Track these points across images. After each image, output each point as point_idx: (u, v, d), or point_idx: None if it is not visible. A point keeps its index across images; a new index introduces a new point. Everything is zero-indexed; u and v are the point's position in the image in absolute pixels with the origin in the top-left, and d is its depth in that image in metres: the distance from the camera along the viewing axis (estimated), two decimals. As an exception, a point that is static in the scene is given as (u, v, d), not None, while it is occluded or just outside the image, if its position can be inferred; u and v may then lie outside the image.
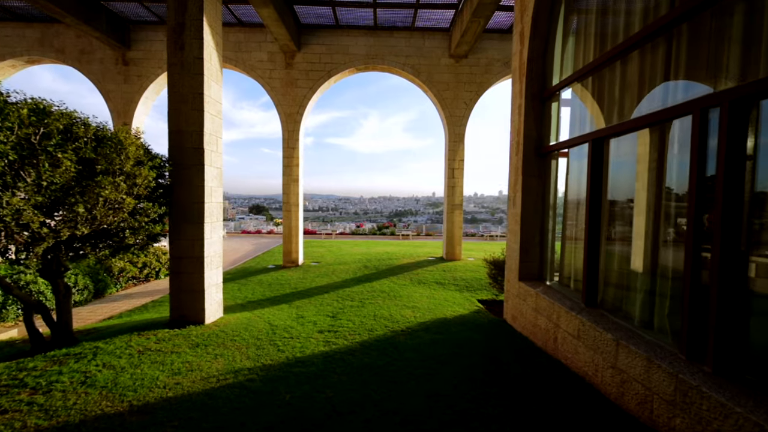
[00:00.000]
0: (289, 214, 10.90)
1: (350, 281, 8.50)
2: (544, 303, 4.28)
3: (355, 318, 5.44)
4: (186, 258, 5.10)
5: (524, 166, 5.06)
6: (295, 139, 10.83)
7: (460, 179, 11.00)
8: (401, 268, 9.69)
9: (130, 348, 3.84)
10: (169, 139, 5.06)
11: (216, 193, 5.43)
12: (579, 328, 3.54)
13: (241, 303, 6.89)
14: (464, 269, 9.38)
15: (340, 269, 9.92)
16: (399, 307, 6.13)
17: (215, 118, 5.38)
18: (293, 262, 10.89)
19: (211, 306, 5.30)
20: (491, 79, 10.83)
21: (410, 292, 7.31)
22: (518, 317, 5.04)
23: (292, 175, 10.85)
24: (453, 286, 7.87)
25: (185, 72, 5.03)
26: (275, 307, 6.41)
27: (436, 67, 10.81)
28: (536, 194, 5.06)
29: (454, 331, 4.86)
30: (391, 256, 11.63)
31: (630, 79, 3.47)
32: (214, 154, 5.34)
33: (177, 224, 5.09)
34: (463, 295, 7.14)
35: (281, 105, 10.80)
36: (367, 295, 7.02)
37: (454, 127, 10.89)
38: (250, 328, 4.88)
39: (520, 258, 5.08)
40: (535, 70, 5.03)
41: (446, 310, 5.95)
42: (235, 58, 10.74)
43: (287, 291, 7.75)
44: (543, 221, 5.07)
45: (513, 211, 5.37)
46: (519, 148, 5.17)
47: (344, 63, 10.77)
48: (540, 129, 5.05)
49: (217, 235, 5.48)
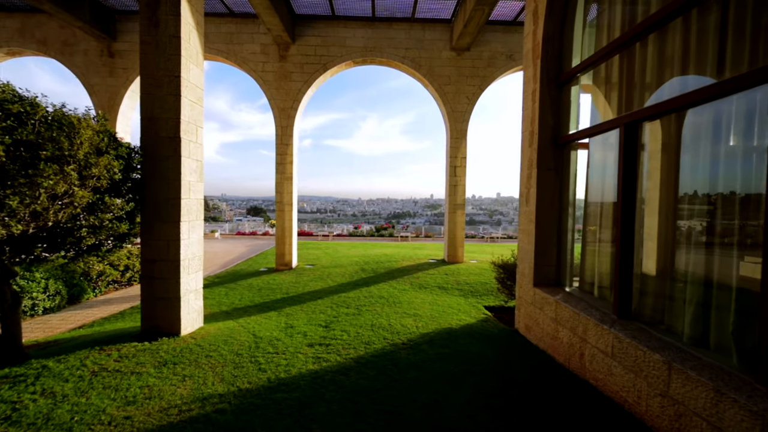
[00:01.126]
0: (283, 214, 10.34)
1: (346, 286, 7.93)
2: (566, 313, 3.74)
3: (350, 328, 4.88)
4: (160, 261, 4.53)
5: (539, 159, 4.53)
6: (289, 135, 10.29)
7: (462, 177, 10.48)
8: (401, 272, 9.14)
9: (84, 368, 3.27)
10: (142, 127, 4.50)
11: (195, 189, 4.87)
12: (613, 344, 3.00)
13: (226, 310, 6.31)
14: (468, 272, 8.83)
15: (335, 272, 9.35)
16: (399, 315, 5.57)
17: (195, 105, 4.83)
18: (286, 264, 10.32)
19: (188, 315, 4.73)
20: (495, 73, 10.33)
21: (411, 297, 6.75)
22: (533, 327, 4.49)
23: (286, 172, 10.29)
24: (457, 291, 7.32)
25: (160, 52, 4.48)
26: (263, 314, 5.84)
27: (437, 60, 10.30)
28: (553, 189, 4.53)
29: (462, 344, 4.30)
30: (389, 258, 11.08)
31: (671, 52, 2.95)
32: (193, 144, 4.79)
33: (150, 223, 4.52)
34: (469, 301, 6.59)
35: (274, 99, 10.26)
36: (365, 302, 6.46)
37: (455, 122, 10.37)
38: (230, 340, 4.31)
39: (535, 261, 4.54)
40: (550, 51, 4.51)
41: (451, 319, 5.39)
42: (226, 50, 10.21)
43: (278, 296, 7.17)
44: (560, 220, 4.53)
45: (526, 209, 4.84)
46: (533, 139, 4.64)
47: (341, 56, 10.25)
48: (557, 117, 4.52)
49: (196, 235, 4.91)
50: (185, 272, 4.65)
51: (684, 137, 2.88)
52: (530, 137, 4.75)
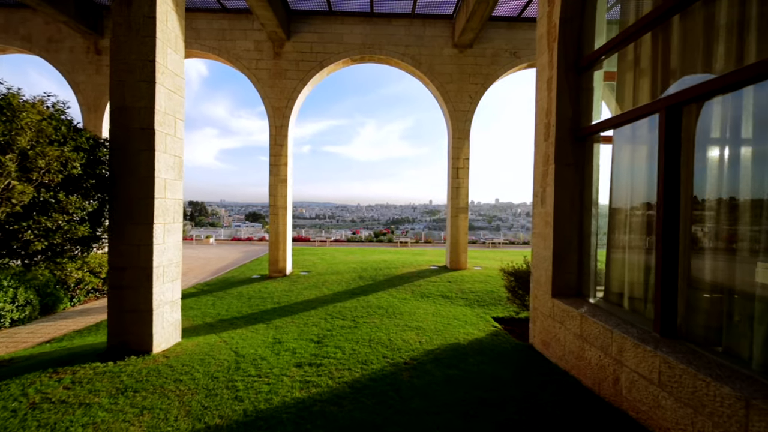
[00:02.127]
0: (276, 218, 9.82)
1: (342, 294, 7.39)
2: (595, 329, 3.22)
3: (345, 344, 4.34)
4: (130, 268, 4.00)
5: (557, 154, 4.04)
6: (284, 135, 9.81)
7: (465, 180, 10.00)
8: (401, 279, 8.60)
9: (23, 398, 2.73)
10: (111, 118, 4.00)
11: (173, 188, 4.35)
12: (661, 369, 2.48)
13: (210, 322, 5.76)
14: (472, 280, 8.31)
15: (331, 280, 8.81)
16: (400, 328, 5.03)
17: (173, 94, 4.34)
18: (280, 271, 9.77)
19: (163, 330, 4.19)
20: (498, 71, 9.91)
21: (412, 307, 6.21)
22: (552, 344, 3.97)
23: (280, 174, 9.80)
24: (461, 301, 6.78)
25: (133, 34, 4.01)
26: (250, 327, 5.29)
27: (438, 57, 9.89)
28: (573, 187, 4.04)
29: (472, 363, 3.77)
30: (389, 264, 10.54)
31: (727, 20, 2.48)
32: (170, 138, 4.29)
33: (119, 225, 4.00)
34: (475, 312, 6.05)
35: (268, 98, 9.81)
36: (362, 312, 5.92)
37: (458, 122, 9.93)
38: (208, 360, 3.77)
39: (554, 269, 4.02)
40: (569, 33, 4.05)
41: (458, 332, 4.86)
42: (219, 47, 9.78)
43: (268, 306, 6.62)
44: (581, 222, 4.03)
45: (541, 211, 4.34)
46: (550, 132, 4.16)
47: (338, 53, 9.83)
48: (576, 106, 4.05)
49: (173, 239, 4.39)
50: (159, 281, 4.12)
51: (746, 121, 2.39)
52: (546, 130, 4.27)
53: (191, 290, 8.57)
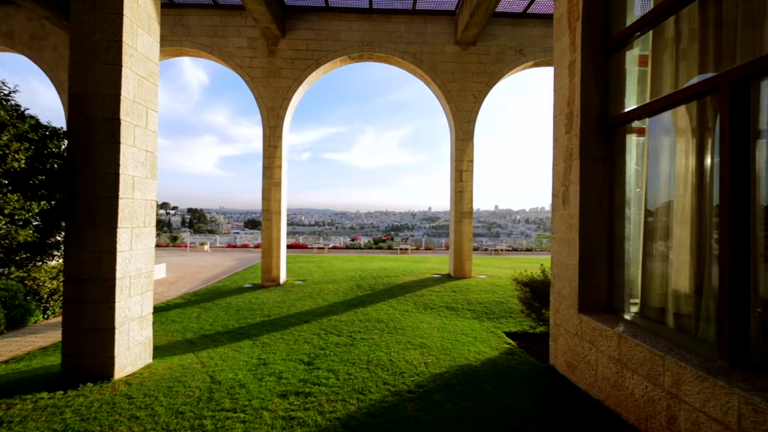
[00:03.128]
0: (270, 223, 9.27)
1: (339, 306, 6.81)
2: (639, 353, 2.66)
3: (339, 366, 3.76)
4: (90, 280, 3.45)
5: (582, 147, 3.53)
6: (278, 136, 9.32)
7: (469, 183, 9.48)
8: (402, 288, 8.03)
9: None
10: (70, 105, 3.49)
11: (143, 187, 3.82)
12: (741, 412, 1.93)
13: (191, 338, 5.18)
14: (478, 289, 7.74)
15: (328, 289, 8.23)
16: (402, 345, 4.46)
17: (144, 81, 3.83)
18: (273, 280, 9.19)
19: (128, 351, 3.61)
20: (503, 69, 9.47)
21: (415, 321, 5.64)
22: (579, 367, 3.41)
23: (274, 177, 9.28)
24: (468, 313, 6.21)
25: (97, 11, 3.51)
26: (233, 345, 4.71)
27: (440, 55, 9.46)
28: (601, 185, 3.52)
29: (489, 391, 3.20)
30: (389, 273, 9.97)
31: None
32: (140, 130, 3.77)
33: (76, 229, 3.46)
34: (485, 326, 5.48)
35: (262, 97, 9.34)
36: (359, 327, 5.34)
37: (461, 122, 9.45)
38: (177, 388, 3.20)
39: (581, 279, 3.48)
40: (594, 10, 3.57)
41: (467, 351, 4.29)
42: (210, 44, 9.33)
43: (257, 320, 6.04)
44: (612, 225, 3.50)
45: (563, 213, 3.81)
46: (573, 123, 3.66)
47: (335, 51, 9.39)
48: (604, 93, 3.55)
49: (143, 246, 3.83)
50: (124, 294, 3.56)
51: None
52: (567, 121, 3.77)
53: (178, 301, 7.99)
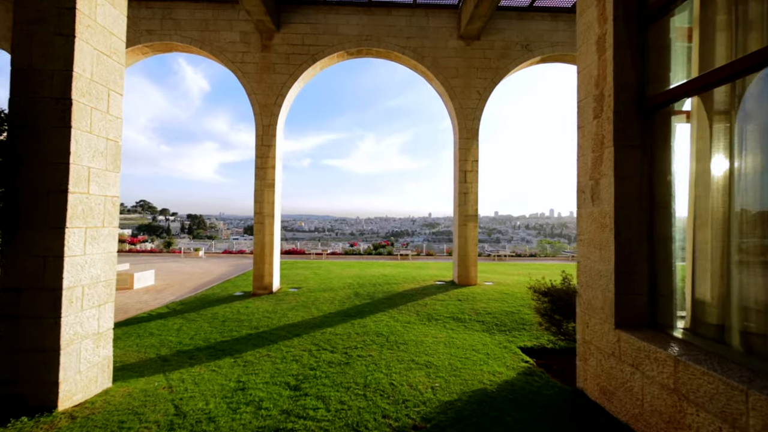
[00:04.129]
0: (262, 227, 8.72)
1: (334, 316, 6.23)
2: (708, 384, 2.09)
3: (331, 392, 3.18)
4: (30, 290, 2.88)
5: (617, 133, 3.00)
6: (272, 135, 8.81)
7: (474, 184, 8.95)
8: (403, 297, 7.44)
9: None
10: (12, 83, 2.96)
11: (103, 180, 3.27)
12: None
13: (165, 355, 4.59)
14: (485, 298, 7.16)
15: (323, 298, 7.64)
16: (404, 364, 3.88)
17: (106, 58, 3.30)
18: (266, 288, 8.60)
19: (79, 375, 3.03)
20: (509, 65, 9.01)
21: (419, 334, 5.06)
22: (618, 394, 2.83)
23: (267, 179, 8.74)
24: (477, 324, 5.62)
25: (47, -26, 3.00)
26: (211, 363, 4.12)
27: (442, 50, 9.00)
28: (640, 177, 2.97)
29: (511, 424, 2.62)
30: (389, 279, 9.39)
31: None
32: (99, 115, 3.23)
33: (16, 229, 2.90)
34: (496, 340, 4.89)
35: (255, 94, 8.85)
36: (356, 341, 4.76)
37: (465, 120, 8.96)
38: (129, 424, 2.61)
39: (617, 288, 2.92)
40: (629, -27, 3.06)
41: (480, 371, 3.71)
42: (201, 38, 8.87)
43: (243, 332, 5.45)
44: (653, 223, 2.95)
45: (593, 210, 3.26)
46: (604, 105, 3.13)
47: (332, 45, 8.93)
48: (641, 69, 3.03)
49: (101, 249, 3.27)
50: (73, 307, 2.98)
51: None
52: (596, 104, 3.24)
53: (162, 310, 7.40)
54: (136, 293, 9.55)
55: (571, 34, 8.98)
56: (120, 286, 10.04)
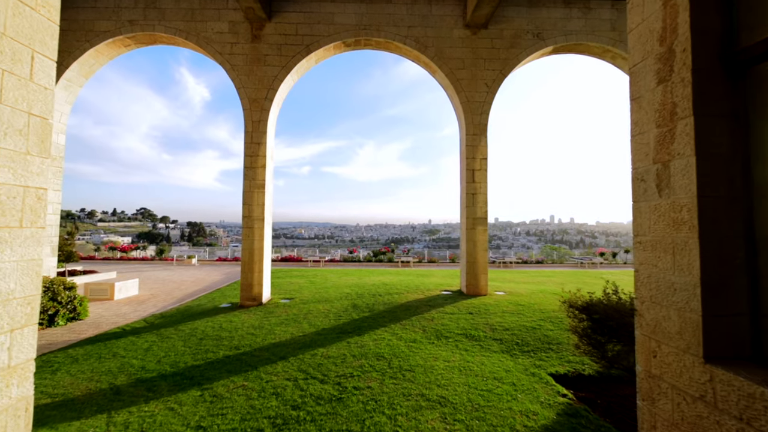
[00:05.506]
0: (251, 232, 7.95)
1: (328, 333, 5.42)
2: None
3: (316, 447, 2.38)
4: None
5: (696, 98, 2.24)
6: (262, 131, 8.09)
7: (483, 184, 8.20)
8: (406, 309, 6.64)
9: None
10: None
11: (23, 167, 2.49)
12: None
13: (120, 384, 3.77)
14: (499, 310, 6.35)
15: (317, 311, 6.83)
16: (412, 401, 3.07)
17: (29, 11, 2.54)
18: (254, 299, 7.79)
19: (-28, 426, 2.23)
20: (519, 55, 8.32)
21: (427, 356, 4.25)
22: (714, 456, 2.02)
23: (257, 179, 8.00)
24: (495, 343, 4.81)
25: None
26: (171, 398, 3.31)
27: (447, 39, 8.33)
28: (731, 155, 2.21)
29: None
30: (390, 289, 8.58)
31: None
32: (16, 82, 2.46)
33: None
34: (521, 364, 4.08)
35: (245, 87, 8.16)
36: (352, 367, 3.95)
37: (472, 115, 8.24)
38: (19, 508, 1.81)
39: (705, 307, 2.13)
40: None
41: (509, 411, 2.90)
42: (187, 29, 8.21)
43: (220, 354, 4.64)
44: (752, 217, 2.18)
45: (660, 203, 2.49)
46: (675, 64, 2.38)
47: (328, 35, 8.26)
48: (728, 12, 2.28)
49: (17, 256, 2.48)
50: (-34, 335, 2.20)
51: None
52: (662, 65, 2.49)
53: (137, 324, 6.60)
54: (116, 305, 8.74)
55: (586, 22, 8.32)
56: (100, 297, 9.26)
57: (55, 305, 6.84)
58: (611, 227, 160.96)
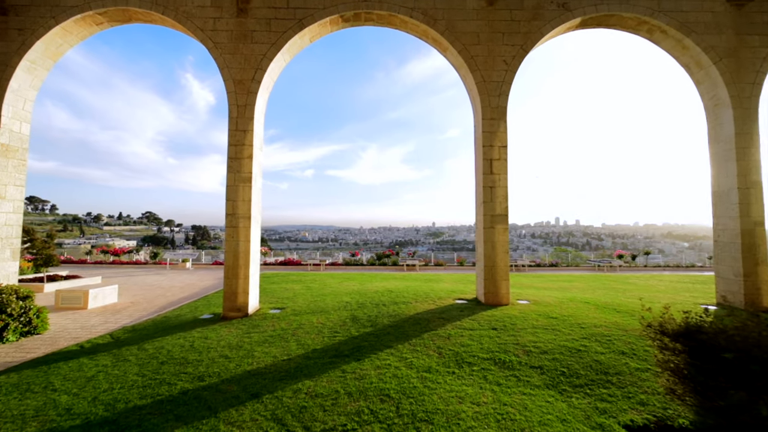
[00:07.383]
0: (236, 231, 6.90)
1: (319, 357, 4.33)
2: None
3: None
4: None
5: None
6: (248, 117, 7.07)
7: (502, 176, 7.09)
8: (416, 323, 5.53)
9: None
10: None
11: None
12: None
13: (23, 440, 2.72)
14: (529, 325, 5.23)
15: (309, 325, 5.75)
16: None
17: None
18: (239, 309, 6.73)
19: None
20: (543, 28, 7.24)
21: (449, 396, 3.15)
22: None
23: (242, 171, 6.96)
24: (534, 372, 3.69)
25: None
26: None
27: (459, 11, 7.27)
28: None
29: None
30: (396, 297, 7.48)
31: None
32: None
33: None
34: (575, 407, 2.97)
35: (229, 68, 7.15)
36: (346, 414, 2.86)
37: (489, 97, 7.16)
38: None
39: None
40: None
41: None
42: (164, 2, 7.23)
43: (177, 388, 3.57)
44: None
45: None
46: None
47: (324, 8, 7.25)
48: None
49: None
50: None
51: None
52: None
53: (99, 341, 5.57)
54: (87, 315, 7.72)
55: (619, -11, 7.22)
56: (71, 306, 8.25)
57: (3, 318, 5.81)
58: (617, 229, 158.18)
